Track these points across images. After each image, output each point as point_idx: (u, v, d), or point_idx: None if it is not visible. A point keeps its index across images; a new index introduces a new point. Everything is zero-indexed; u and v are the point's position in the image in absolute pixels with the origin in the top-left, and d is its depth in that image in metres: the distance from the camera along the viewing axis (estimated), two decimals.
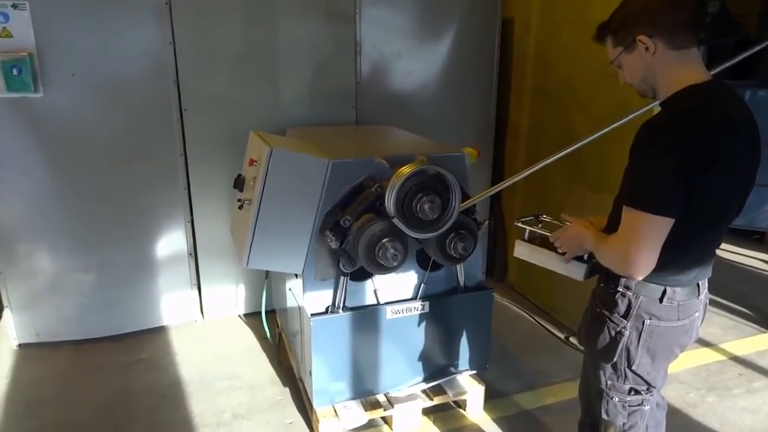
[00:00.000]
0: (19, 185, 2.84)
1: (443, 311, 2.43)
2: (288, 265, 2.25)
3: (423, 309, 2.38)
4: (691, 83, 1.34)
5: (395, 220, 2.01)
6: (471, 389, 2.50)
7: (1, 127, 2.71)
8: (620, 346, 1.46)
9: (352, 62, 3.21)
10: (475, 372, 2.56)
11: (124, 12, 2.77)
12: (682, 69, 1.35)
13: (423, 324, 2.41)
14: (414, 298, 2.41)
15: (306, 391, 2.54)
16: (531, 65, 3.43)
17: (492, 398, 2.61)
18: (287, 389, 2.74)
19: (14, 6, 2.58)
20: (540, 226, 1.84)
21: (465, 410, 2.55)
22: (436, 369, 2.49)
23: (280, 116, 3.12)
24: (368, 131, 3.02)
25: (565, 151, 2.29)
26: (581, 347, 2.55)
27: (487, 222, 2.34)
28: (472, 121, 3.65)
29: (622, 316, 1.45)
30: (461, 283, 2.46)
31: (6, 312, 2.99)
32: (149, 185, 3.04)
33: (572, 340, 3.21)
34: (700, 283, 1.47)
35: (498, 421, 2.52)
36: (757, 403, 2.63)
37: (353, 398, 2.38)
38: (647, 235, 1.29)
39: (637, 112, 2.37)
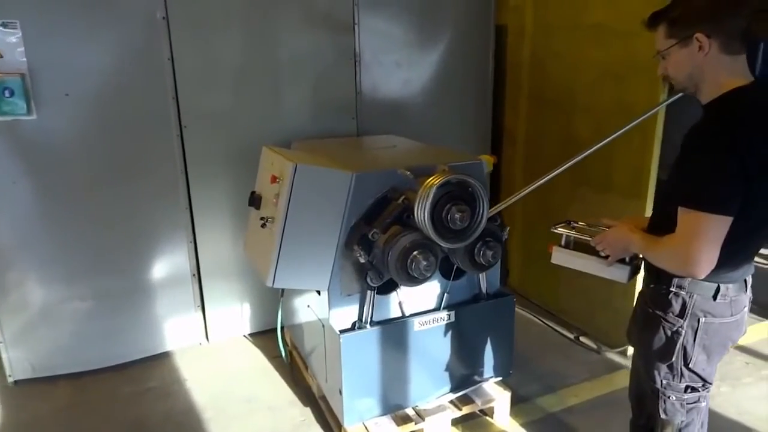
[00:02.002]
0: (11, 212, 2.69)
1: (468, 320, 2.42)
2: (313, 282, 2.20)
3: (449, 319, 2.37)
4: (737, 86, 1.38)
5: (429, 232, 1.99)
6: (498, 396, 2.50)
7: None
8: (677, 345, 1.48)
9: (352, 73, 3.19)
10: (500, 379, 2.55)
11: (120, 28, 2.67)
12: (730, 74, 1.38)
13: (449, 334, 2.39)
14: (438, 308, 2.39)
15: (330, 411, 2.49)
16: (527, 71, 3.48)
17: (516, 403, 2.61)
18: (308, 409, 2.67)
19: (4, 25, 2.46)
20: (574, 231, 1.86)
21: (492, 418, 2.54)
22: (462, 378, 2.48)
23: (282, 130, 3.06)
24: (374, 141, 3.00)
25: (583, 155, 2.33)
26: (593, 346, 2.52)
27: (508, 228, 2.35)
28: (469, 128, 3.67)
29: (677, 316, 1.48)
30: (484, 290, 2.46)
31: None
32: (149, 206, 2.94)
33: (582, 339, 3.26)
34: (747, 278, 1.51)
35: (526, 426, 2.52)
36: None
37: (383, 414, 2.34)
38: (709, 235, 1.31)
39: (645, 116, 2.44)
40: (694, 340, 1.47)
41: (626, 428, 1.90)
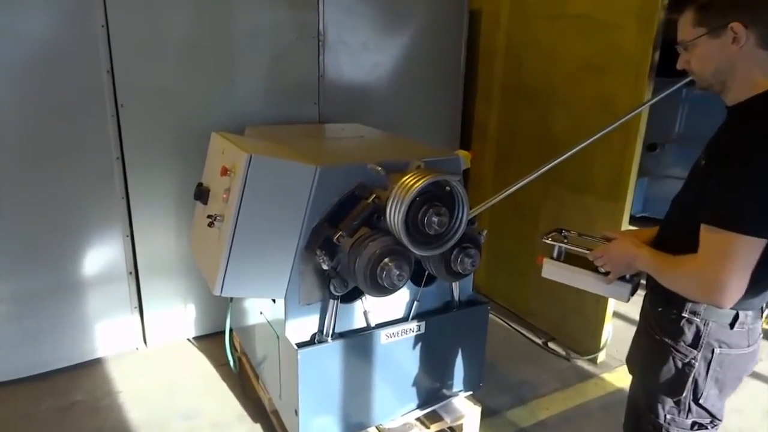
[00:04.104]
0: None
1: (439, 330, 2.21)
2: (269, 290, 1.93)
3: (419, 330, 2.15)
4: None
5: (401, 237, 1.75)
6: (468, 412, 2.30)
7: None
8: (689, 379, 1.31)
9: (315, 53, 2.90)
10: (470, 393, 2.37)
11: None
12: (766, 72, 1.20)
13: (418, 346, 2.18)
14: (407, 318, 2.17)
15: (283, 428, 2.24)
16: (501, 61, 3.28)
17: (485, 417, 2.43)
18: (258, 425, 2.41)
19: None
20: (566, 241, 1.67)
21: None
22: (430, 393, 2.27)
23: (234, 113, 2.76)
24: (338, 130, 2.72)
25: (568, 154, 2.15)
26: (562, 353, 2.30)
27: (486, 231, 2.14)
28: (438, 119, 3.46)
29: (689, 346, 1.30)
30: (456, 297, 2.26)
31: None
32: (79, 195, 2.57)
33: (551, 345, 3.13)
34: (764, 304, 1.35)
35: None
36: (739, 402, 2.64)
37: None
38: (740, 259, 1.13)
39: (631, 114, 2.27)
40: (707, 373, 1.30)
41: None
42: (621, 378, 2.82)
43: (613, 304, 2.86)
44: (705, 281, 1.17)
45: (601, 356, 2.93)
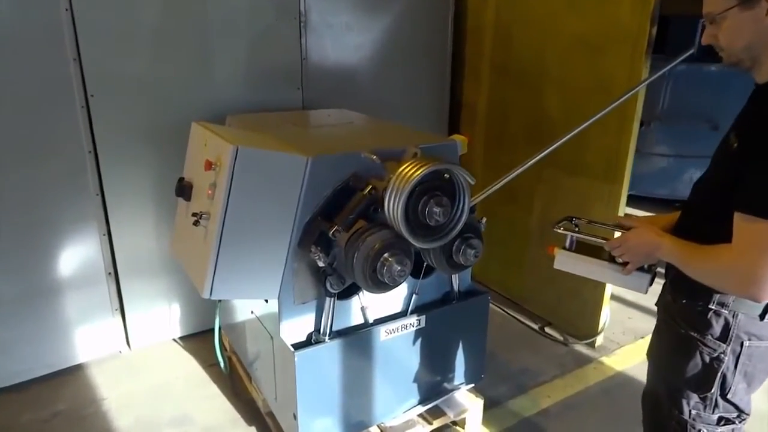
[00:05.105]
0: None
1: (439, 323, 2.13)
2: (261, 291, 1.82)
3: (419, 324, 2.07)
4: None
5: (401, 230, 1.65)
6: (471, 405, 2.24)
7: None
8: (718, 374, 1.24)
9: (297, 35, 2.74)
10: (472, 385, 2.30)
11: None
12: None
13: (418, 341, 2.09)
14: (405, 312, 2.08)
15: (280, 430, 2.14)
16: (490, 38, 3.16)
17: (487, 408, 2.37)
18: (253, 428, 2.31)
19: None
20: (577, 230, 1.58)
21: (463, 429, 2.29)
22: (431, 388, 2.20)
23: (213, 101, 2.60)
24: (324, 117, 2.59)
25: (567, 137, 2.08)
26: (559, 338, 2.20)
27: (485, 219, 2.06)
28: (426, 101, 3.35)
29: (718, 339, 1.23)
30: (456, 288, 2.17)
31: None
32: (49, 193, 2.40)
33: (548, 330, 3.08)
34: None
35: None
36: None
37: None
38: None
39: (628, 94, 2.19)
40: (735, 367, 1.24)
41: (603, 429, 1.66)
42: (620, 361, 2.79)
43: (610, 287, 2.81)
44: (740, 274, 1.10)
45: (599, 340, 2.89)
